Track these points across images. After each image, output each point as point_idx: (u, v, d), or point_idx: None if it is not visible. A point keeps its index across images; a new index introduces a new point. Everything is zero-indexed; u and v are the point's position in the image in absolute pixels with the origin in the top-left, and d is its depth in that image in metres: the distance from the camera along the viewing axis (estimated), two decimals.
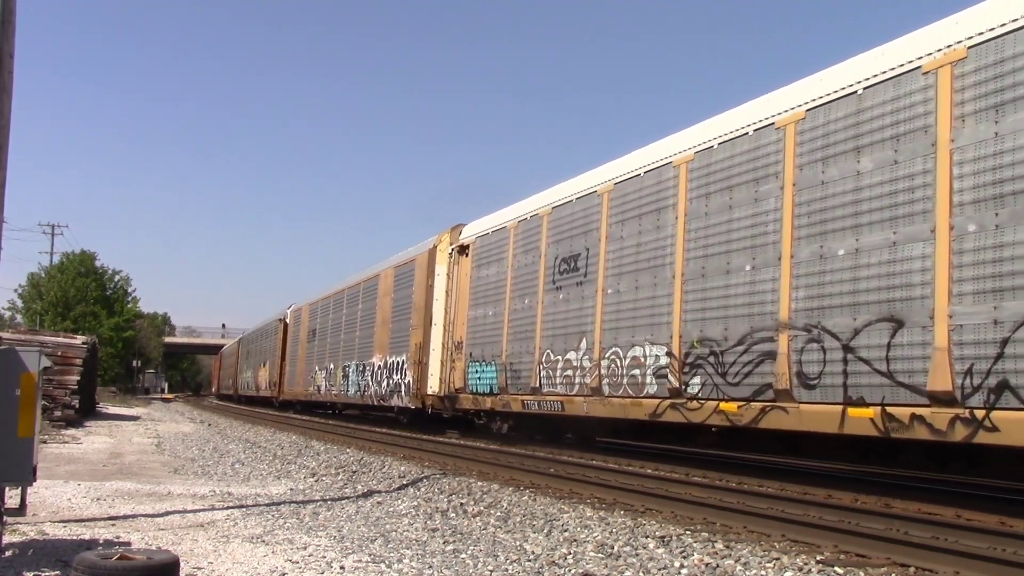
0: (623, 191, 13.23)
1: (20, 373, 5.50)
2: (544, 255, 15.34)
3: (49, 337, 25.56)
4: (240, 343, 56.82)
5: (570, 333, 14.18)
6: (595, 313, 13.52)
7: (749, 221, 10.49)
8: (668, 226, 12.04)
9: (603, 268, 13.48)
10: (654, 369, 11.92)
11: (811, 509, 8.05)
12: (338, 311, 29.37)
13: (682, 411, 11.32)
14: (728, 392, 10.48)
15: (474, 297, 18.06)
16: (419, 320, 20.93)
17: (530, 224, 16.05)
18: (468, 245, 18.73)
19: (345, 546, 6.51)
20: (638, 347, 12.33)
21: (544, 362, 14.85)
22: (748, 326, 10.29)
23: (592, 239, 13.90)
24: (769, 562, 6.10)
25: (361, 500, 9.27)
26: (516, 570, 5.85)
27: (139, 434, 20.55)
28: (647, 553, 6.43)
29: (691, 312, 11.32)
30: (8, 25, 7.00)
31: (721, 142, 11.18)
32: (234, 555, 6.02)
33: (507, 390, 16.09)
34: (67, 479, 10.33)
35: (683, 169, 11.85)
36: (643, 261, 12.51)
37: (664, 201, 12.20)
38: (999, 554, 5.95)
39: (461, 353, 18.31)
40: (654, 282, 12.18)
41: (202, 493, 9.54)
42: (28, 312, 68.35)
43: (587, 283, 13.88)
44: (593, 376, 13.31)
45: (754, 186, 10.50)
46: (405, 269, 22.55)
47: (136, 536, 6.56)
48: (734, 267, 10.64)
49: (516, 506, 8.77)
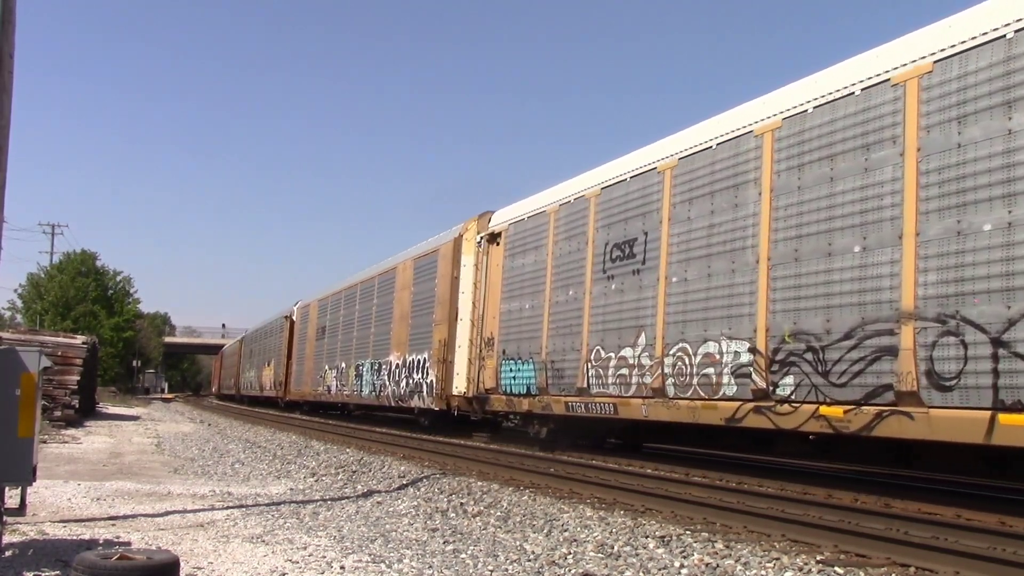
0: (690, 167, 11.72)
1: (20, 373, 5.48)
2: (592, 241, 13.83)
3: (49, 337, 25.29)
4: (243, 342, 55.29)
5: (625, 327, 12.67)
6: (656, 304, 12.01)
7: (858, 195, 8.98)
8: (749, 204, 10.54)
9: (666, 254, 11.97)
10: (733, 367, 10.42)
11: (811, 509, 7.99)
12: (350, 307, 27.84)
13: (769, 415, 9.82)
14: (831, 394, 8.98)
15: (507, 289, 16.55)
16: (443, 315, 19.41)
17: (574, 208, 14.54)
18: (500, 233, 17.21)
19: (345, 546, 6.49)
20: (712, 342, 10.83)
21: (593, 360, 13.34)
22: (858, 317, 8.79)
23: (652, 221, 12.39)
24: (769, 562, 6.08)
25: (361, 500, 9.23)
26: (516, 570, 5.84)
27: (139, 434, 20.29)
28: (647, 553, 6.41)
29: (781, 302, 9.82)
30: (8, 25, 6.97)
31: (817, 106, 9.67)
32: (234, 555, 6.00)
33: (547, 391, 14.58)
34: (67, 479, 10.24)
35: (767, 139, 10.35)
36: (717, 245, 11.01)
37: (743, 175, 10.70)
38: (999, 554, 5.90)
39: (492, 350, 16.81)
40: (731, 268, 10.68)
41: (202, 493, 9.47)
42: (28, 312, 67.76)
43: (646, 271, 12.37)
44: (655, 375, 11.81)
45: (863, 154, 8.99)
46: (426, 260, 21.02)
47: (136, 536, 6.54)
48: (838, 248, 9.14)
49: (516, 506, 8.73)
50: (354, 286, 27.82)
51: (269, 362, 42.00)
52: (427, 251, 21.16)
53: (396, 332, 22.65)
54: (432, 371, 19.60)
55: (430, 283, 20.55)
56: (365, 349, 25.26)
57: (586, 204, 14.15)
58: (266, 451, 15.72)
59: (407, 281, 22.29)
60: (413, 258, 22.16)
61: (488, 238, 17.70)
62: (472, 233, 18.73)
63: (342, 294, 29.09)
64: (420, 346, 20.63)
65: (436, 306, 19.93)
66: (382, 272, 24.97)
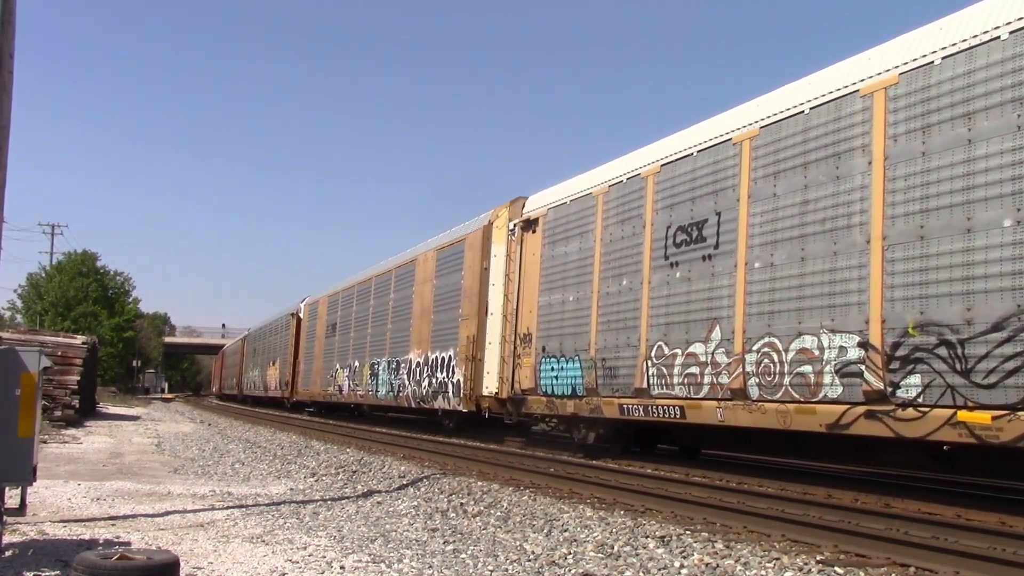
0: (775, 136, 10.25)
1: (20, 373, 5.48)
2: (650, 224, 12.35)
3: (49, 337, 25.21)
4: (245, 340, 53.77)
5: (694, 320, 11.20)
6: (734, 293, 10.54)
7: (1008, 158, 7.51)
8: (854, 175, 9.06)
9: (745, 236, 10.50)
10: (837, 365, 8.95)
11: (811, 509, 7.98)
12: (363, 302, 26.33)
13: (887, 421, 8.34)
14: (974, 397, 7.51)
15: (547, 280, 15.07)
16: (471, 309, 17.92)
17: (627, 188, 13.05)
18: (537, 219, 15.72)
19: (345, 546, 6.46)
20: (809, 336, 9.35)
21: (654, 357, 11.86)
22: (1012, 304, 7.32)
23: (726, 200, 10.92)
24: (769, 562, 6.05)
25: (361, 500, 9.19)
26: (516, 570, 5.81)
27: (139, 434, 20.14)
28: (647, 553, 6.39)
29: (901, 288, 8.35)
30: (8, 25, 6.93)
31: (948, 55, 8.19)
32: (234, 555, 5.97)
33: (597, 391, 13.10)
34: (67, 479, 10.19)
35: (878, 99, 8.87)
36: (813, 224, 9.53)
37: (846, 143, 9.23)
38: (999, 554, 5.88)
39: (530, 347, 15.33)
40: (833, 250, 9.21)
41: (202, 493, 9.43)
42: (28, 312, 67.37)
43: (720, 256, 10.90)
44: (734, 374, 10.33)
45: (1017, 109, 7.52)
46: (451, 251, 19.53)
47: (136, 536, 6.51)
48: (981, 223, 7.67)
49: (516, 506, 8.70)
50: (368, 280, 26.32)
51: (274, 361, 40.49)
52: (451, 241, 19.67)
53: (417, 328, 21.15)
54: (459, 370, 18.11)
55: (455, 275, 19.06)
56: (381, 347, 23.76)
57: (642, 184, 12.67)
58: (266, 451, 15.58)
59: (429, 274, 20.80)
60: (435, 249, 20.66)
61: (523, 225, 16.21)
62: (503, 220, 17.24)
63: (354, 289, 27.58)
64: (445, 343, 19.14)
65: (463, 300, 18.44)
66: (400, 265, 23.47)
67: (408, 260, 22.76)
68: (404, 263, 23.08)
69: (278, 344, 39.72)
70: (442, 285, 19.84)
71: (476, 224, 18.31)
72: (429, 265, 20.86)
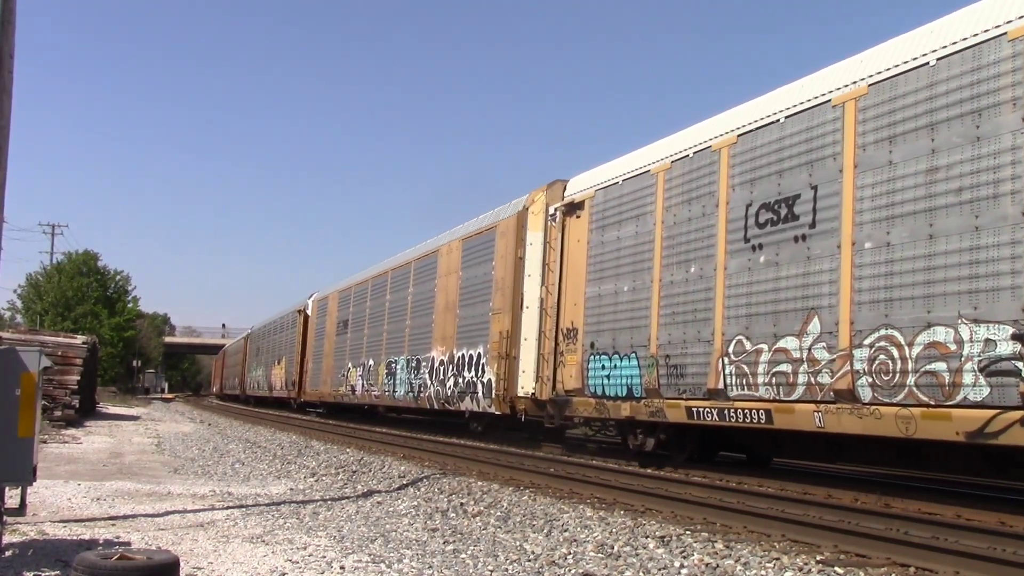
0: (887, 95, 8.77)
1: (20, 373, 5.46)
2: (724, 203, 10.87)
3: (49, 337, 25.13)
4: (248, 339, 52.24)
5: (784, 311, 9.73)
6: (838, 279, 9.06)
7: None
8: (1002, 135, 7.59)
9: (850, 212, 9.02)
10: (981, 361, 7.47)
11: (811, 509, 7.97)
12: (378, 297, 24.84)
13: None
14: None
15: (595, 269, 13.59)
16: (504, 302, 16.44)
17: (695, 163, 11.57)
18: (582, 202, 14.23)
19: (345, 546, 6.41)
20: (943, 328, 7.87)
21: (733, 354, 10.38)
22: None
23: (824, 172, 9.44)
24: (769, 562, 6.00)
25: (361, 500, 9.16)
26: (516, 570, 5.75)
27: (139, 434, 20.00)
28: (647, 553, 6.34)
29: None
30: (8, 25, 6.92)
31: None
32: (234, 555, 5.92)
33: (659, 392, 11.62)
34: (67, 479, 10.16)
35: None
36: (941, 196, 8.06)
37: (984, 99, 7.76)
38: (999, 554, 5.84)
39: (575, 344, 13.84)
40: (973, 224, 7.73)
41: (202, 493, 9.39)
42: (28, 312, 66.67)
43: (817, 236, 9.42)
44: (838, 373, 8.86)
45: None
46: (480, 240, 18.04)
47: (136, 536, 6.47)
48: None
49: (516, 506, 8.68)
50: (383, 274, 24.83)
51: (279, 360, 38.98)
52: (479, 229, 18.18)
53: (440, 324, 19.66)
54: (490, 369, 16.63)
55: (485, 266, 17.58)
56: (399, 344, 22.27)
57: (714, 157, 11.19)
58: (266, 451, 15.51)
59: (453, 265, 19.30)
60: (461, 238, 19.17)
61: (565, 209, 14.73)
62: (540, 205, 15.77)
63: (368, 284, 26.10)
64: (473, 340, 17.65)
65: (494, 292, 16.96)
66: (419, 256, 21.97)
67: (429, 251, 21.27)
68: (424, 255, 21.58)
69: (284, 342, 38.23)
70: (469, 277, 18.35)
71: (509, 210, 16.82)
72: (454, 256, 19.37)
